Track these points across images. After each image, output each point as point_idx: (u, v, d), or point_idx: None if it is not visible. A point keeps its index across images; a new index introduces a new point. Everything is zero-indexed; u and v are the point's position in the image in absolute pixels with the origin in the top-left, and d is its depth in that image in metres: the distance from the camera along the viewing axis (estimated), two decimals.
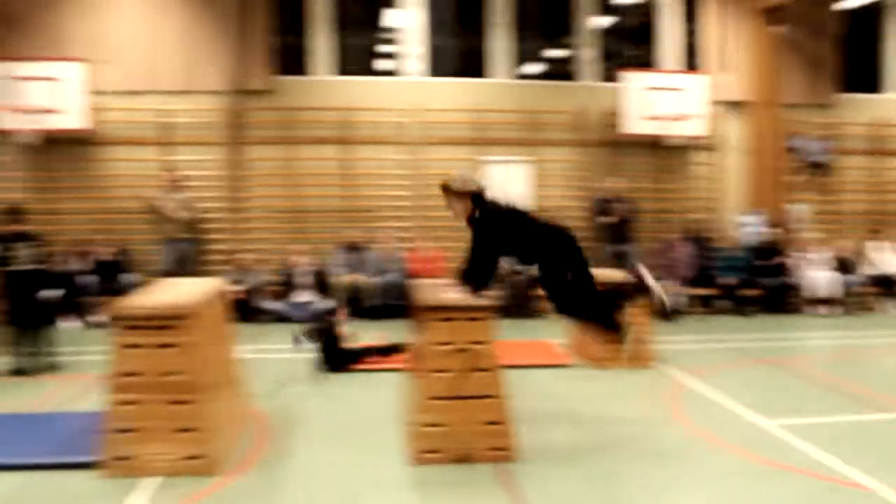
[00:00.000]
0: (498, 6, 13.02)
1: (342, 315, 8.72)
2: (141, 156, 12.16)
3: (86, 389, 7.30)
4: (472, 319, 5.22)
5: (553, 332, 9.68)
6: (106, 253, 11.43)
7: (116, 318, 5.00)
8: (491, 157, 12.56)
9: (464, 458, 5.18)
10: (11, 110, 11.41)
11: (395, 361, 7.75)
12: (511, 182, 12.52)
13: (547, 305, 11.57)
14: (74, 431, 5.86)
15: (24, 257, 8.07)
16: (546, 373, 7.99)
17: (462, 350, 5.18)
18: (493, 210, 5.43)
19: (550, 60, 13.83)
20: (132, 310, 5.04)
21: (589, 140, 13.08)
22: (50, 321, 8.57)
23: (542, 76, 13.67)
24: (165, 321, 4.90)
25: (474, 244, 5.40)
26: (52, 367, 8.23)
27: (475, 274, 5.35)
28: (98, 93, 11.79)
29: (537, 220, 5.58)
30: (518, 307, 11.45)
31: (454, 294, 5.35)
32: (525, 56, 13.39)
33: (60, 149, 11.93)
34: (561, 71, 13.59)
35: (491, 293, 5.42)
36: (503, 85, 13.07)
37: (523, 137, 12.92)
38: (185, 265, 11.14)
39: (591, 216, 12.28)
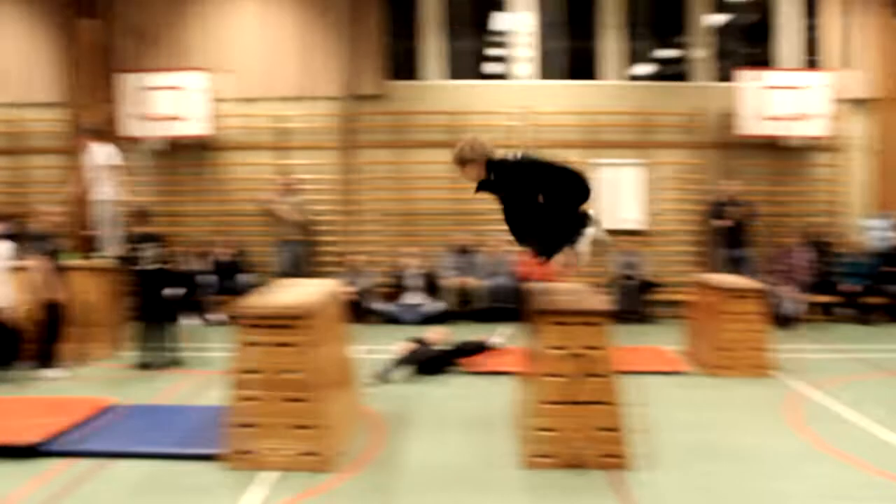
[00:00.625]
0: (609, 7, 12.84)
1: (438, 335, 8.66)
2: (257, 160, 12.58)
3: (207, 384, 7.59)
4: (587, 324, 5.16)
5: (666, 338, 9.47)
6: (224, 254, 11.86)
7: (238, 317, 5.18)
8: (602, 160, 12.37)
9: (576, 464, 5.12)
10: (142, 118, 12.00)
11: (510, 364, 7.73)
12: (624, 185, 12.33)
13: (660, 310, 11.58)
14: (198, 424, 6.10)
15: (150, 257, 8.46)
16: (660, 379, 7.82)
17: (577, 355, 5.12)
18: (510, 163, 5.15)
19: (663, 61, 13.53)
20: (253, 309, 5.21)
21: (703, 142, 12.73)
22: (173, 318, 8.94)
23: (655, 77, 13.37)
24: (284, 321, 5.04)
25: (508, 204, 5.23)
26: (176, 362, 8.60)
27: (540, 236, 5.18)
28: (219, 100, 12.26)
29: (553, 163, 5.21)
30: (630, 312, 11.27)
31: (569, 295, 5.30)
32: (636, 56, 13.15)
33: (183, 154, 12.48)
34: (674, 71, 13.28)
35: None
36: (614, 86, 12.88)
37: (636, 140, 12.70)
38: (300, 266, 11.46)
39: (705, 220, 11.96)
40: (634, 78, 13.14)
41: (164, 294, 8.66)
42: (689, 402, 7.01)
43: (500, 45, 13.18)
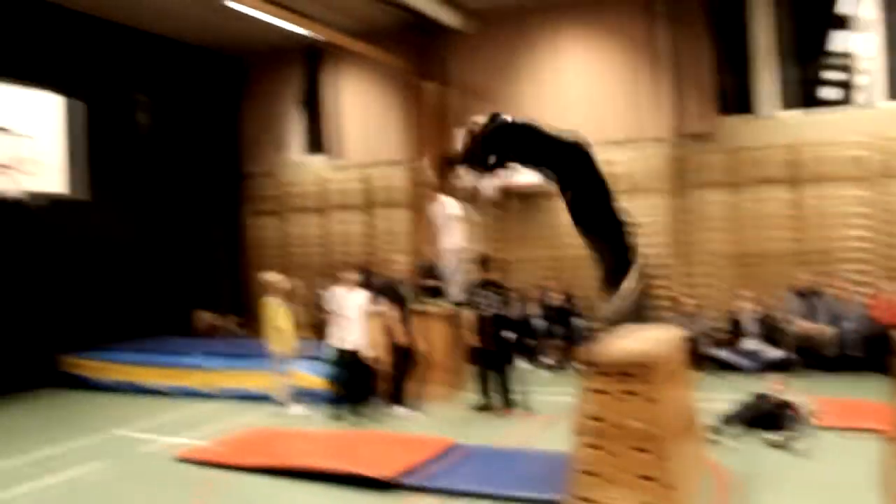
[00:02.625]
0: None
1: (779, 385, 7.95)
2: None
3: (543, 428, 7.70)
4: None
5: None
6: (556, 298, 12.03)
7: (585, 364, 5.18)
8: None
9: None
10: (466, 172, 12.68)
11: (868, 420, 6.95)
12: None
13: None
14: (538, 468, 6.20)
15: (490, 303, 8.84)
16: None
17: None
18: None
19: None
20: (598, 356, 5.19)
21: None
22: (510, 362, 9.22)
23: None
24: (631, 368, 4.96)
25: None
26: (513, 405, 8.83)
27: None
28: None
29: None
30: None
31: None
32: None
33: (515, 202, 12.92)
34: None
35: None
36: None
37: None
38: (632, 312, 11.30)
39: None
40: None
41: (502, 338, 8.98)
42: None
43: (839, 68, 12.14)
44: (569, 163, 5.77)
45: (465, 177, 6.40)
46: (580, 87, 12.71)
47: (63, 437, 8.25)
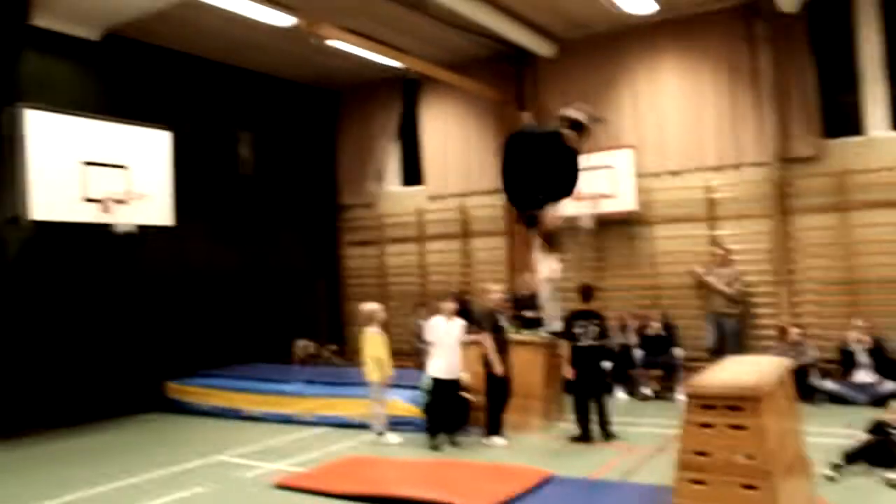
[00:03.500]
0: None
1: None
2: (684, 232, 12.41)
3: (640, 461, 7.52)
4: None
5: None
6: (653, 327, 11.78)
7: (690, 396, 5.04)
8: None
9: None
10: (576, 199, 12.61)
11: None
12: None
13: None
14: (636, 502, 6.04)
15: (587, 334, 8.73)
16: None
17: None
18: None
19: None
20: (702, 388, 5.03)
21: None
22: (607, 392, 9.06)
23: None
24: (737, 401, 4.78)
25: None
26: (609, 436, 8.67)
27: None
28: (644, 175, 12.45)
29: None
30: None
31: None
32: None
33: (611, 230, 12.77)
34: None
35: None
36: None
37: None
38: (731, 341, 11.00)
39: None
40: None
41: (600, 368, 8.84)
42: None
43: None
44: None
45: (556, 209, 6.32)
46: (678, 111, 12.51)
47: (165, 461, 8.50)
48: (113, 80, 11.73)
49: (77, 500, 7.20)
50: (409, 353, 12.51)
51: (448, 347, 8.80)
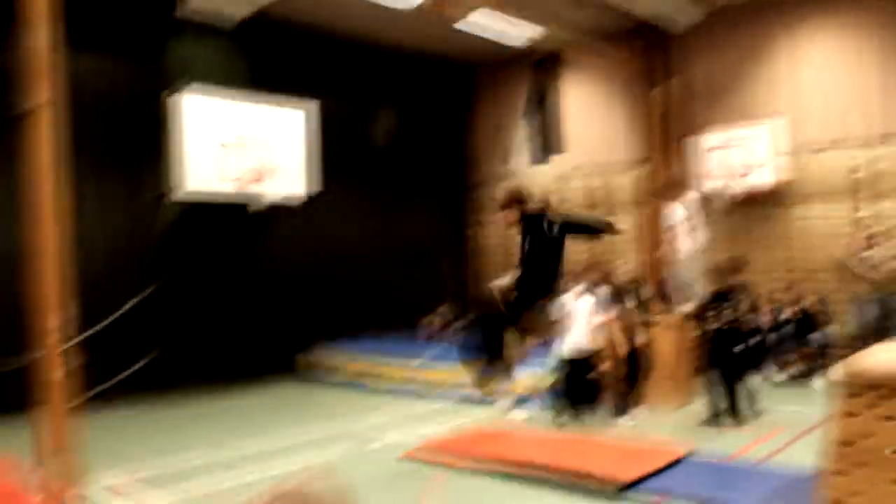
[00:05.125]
0: None
1: None
2: (830, 210, 11.80)
3: (776, 445, 7.27)
4: None
5: None
6: (794, 309, 11.29)
7: (837, 383, 4.80)
8: None
9: None
10: (712, 175, 12.24)
11: None
12: None
13: None
14: (774, 488, 5.86)
15: (723, 314, 8.46)
16: None
17: None
18: None
19: None
20: (850, 374, 4.78)
21: None
22: (742, 374, 8.77)
23: None
24: (889, 390, 4.52)
25: None
26: (745, 419, 8.40)
27: None
28: (787, 150, 11.90)
29: None
30: None
31: None
32: None
33: (750, 207, 12.30)
34: None
35: None
36: None
37: None
38: (879, 325, 10.44)
39: None
40: None
41: (735, 350, 8.56)
42: None
43: None
44: None
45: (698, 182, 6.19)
46: (828, 82, 11.87)
47: (297, 428, 8.88)
48: (256, 60, 12.17)
49: (229, 458, 7.59)
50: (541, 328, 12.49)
51: (577, 325, 8.71)
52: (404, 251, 14.62)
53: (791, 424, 8.08)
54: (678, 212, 9.63)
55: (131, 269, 10.79)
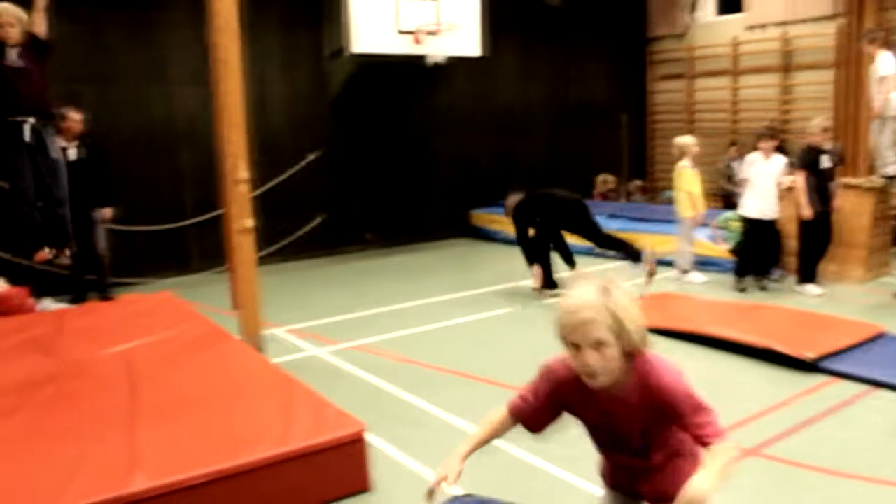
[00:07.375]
0: None
1: None
2: None
3: None
4: None
5: None
6: None
7: None
8: None
9: None
10: None
11: None
12: None
13: None
14: None
15: None
16: None
17: None
18: None
19: None
20: None
21: None
22: None
23: None
24: None
25: None
26: None
27: None
28: None
29: None
30: None
31: None
32: None
33: None
34: None
35: None
36: None
37: None
38: None
39: None
40: None
41: None
42: None
43: None
44: None
45: None
46: None
47: (470, 283, 9.18)
48: None
49: (398, 310, 7.94)
50: (719, 192, 11.97)
51: (763, 186, 8.20)
52: (580, 110, 14.19)
53: None
54: (890, 62, 8.57)
55: (311, 129, 11.07)
